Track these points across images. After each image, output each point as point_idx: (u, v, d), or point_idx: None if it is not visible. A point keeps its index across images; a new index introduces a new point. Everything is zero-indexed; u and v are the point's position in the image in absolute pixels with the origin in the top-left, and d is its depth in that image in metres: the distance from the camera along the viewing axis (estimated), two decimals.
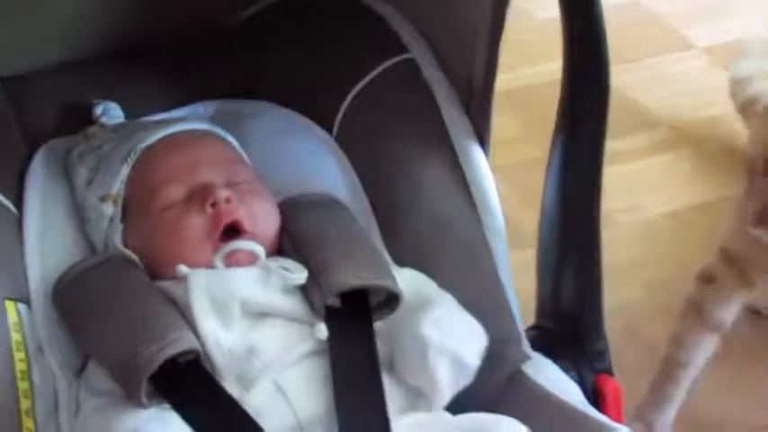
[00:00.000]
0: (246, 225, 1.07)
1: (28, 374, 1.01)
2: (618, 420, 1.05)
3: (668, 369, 1.45)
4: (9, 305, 1.04)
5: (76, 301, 1.07)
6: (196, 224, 1.07)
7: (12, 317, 1.03)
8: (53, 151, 1.21)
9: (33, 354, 1.03)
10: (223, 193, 1.07)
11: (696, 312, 1.44)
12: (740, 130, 1.71)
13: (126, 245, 1.11)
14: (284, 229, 1.12)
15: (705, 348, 1.44)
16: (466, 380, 1.01)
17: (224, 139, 1.20)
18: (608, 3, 2.18)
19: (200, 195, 1.08)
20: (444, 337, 1.00)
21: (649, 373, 1.48)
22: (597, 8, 1.01)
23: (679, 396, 1.45)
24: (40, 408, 1.01)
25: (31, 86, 1.23)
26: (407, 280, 1.08)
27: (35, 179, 1.18)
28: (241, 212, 1.07)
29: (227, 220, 1.06)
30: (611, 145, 1.76)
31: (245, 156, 1.20)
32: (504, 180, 1.48)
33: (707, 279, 1.44)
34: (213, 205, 1.06)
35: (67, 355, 1.06)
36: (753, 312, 1.48)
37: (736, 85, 1.82)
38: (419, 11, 1.23)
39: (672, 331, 1.46)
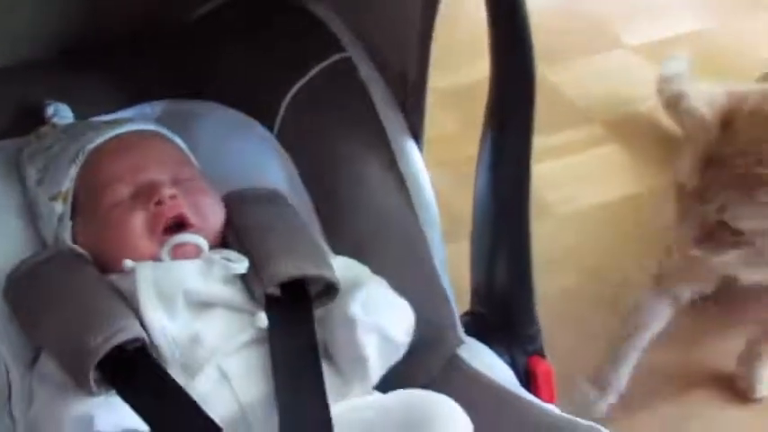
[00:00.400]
0: (192, 219, 1.08)
1: None
2: (549, 400, 1.07)
3: (627, 331, 1.48)
4: None
5: (27, 295, 1.07)
6: (141, 220, 1.07)
7: None
8: (4, 151, 1.20)
9: None
10: (167, 192, 1.07)
11: (656, 283, 1.47)
12: (669, 125, 1.71)
13: (75, 241, 1.11)
14: (228, 223, 1.12)
15: (661, 316, 1.46)
16: (395, 356, 1.03)
17: (170, 140, 1.19)
18: (542, 4, 2.22)
19: (146, 193, 1.08)
20: (370, 314, 1.01)
21: (584, 355, 1.50)
22: (522, 9, 1.01)
23: (634, 358, 1.47)
24: None
25: None
26: (341, 267, 1.08)
27: None
28: (186, 208, 1.07)
29: (170, 215, 1.06)
30: (547, 140, 1.81)
31: (190, 155, 1.19)
32: (445, 175, 1.49)
33: (668, 252, 1.46)
34: (158, 203, 1.06)
35: (19, 348, 1.05)
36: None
37: (664, 83, 1.84)
38: (356, 14, 1.23)
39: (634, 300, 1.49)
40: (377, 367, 1.00)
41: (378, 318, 1.01)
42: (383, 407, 0.98)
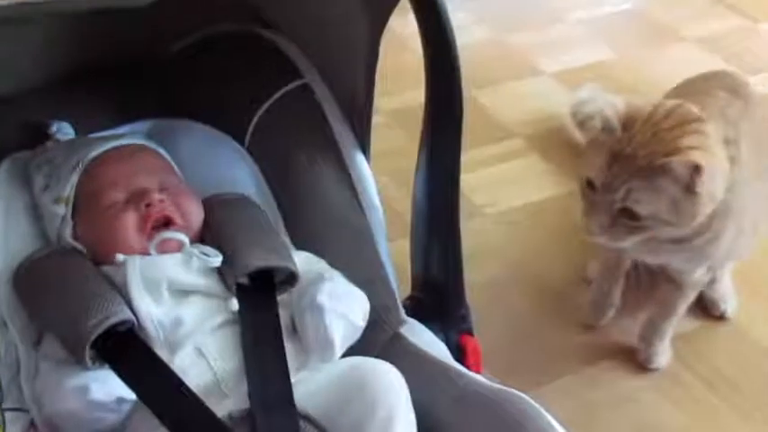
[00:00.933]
0: (176, 219, 1.09)
1: None
2: (477, 371, 1.08)
3: (605, 272, 1.50)
4: None
5: (32, 285, 1.07)
6: (134, 219, 1.08)
7: None
8: (16, 163, 1.19)
9: None
10: (156, 196, 1.08)
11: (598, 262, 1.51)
12: (580, 139, 1.72)
13: (75, 238, 1.10)
14: (206, 222, 1.12)
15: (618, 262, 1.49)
16: (354, 338, 1.04)
17: (157, 152, 1.19)
18: (475, 39, 2.22)
19: (138, 197, 1.08)
20: (336, 304, 1.01)
21: (510, 335, 1.50)
22: (452, 47, 1.01)
23: (617, 295, 1.51)
24: (3, 373, 1.00)
25: None
26: (303, 260, 1.10)
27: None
28: (171, 210, 1.09)
29: (157, 215, 1.07)
30: (477, 153, 1.82)
31: (174, 164, 1.19)
32: (392, 182, 1.50)
33: None
34: (148, 205, 1.07)
35: (26, 330, 1.05)
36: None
37: (577, 106, 1.84)
38: (312, 45, 1.23)
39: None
40: (340, 347, 1.01)
41: (342, 305, 1.02)
42: (331, 370, 1.00)
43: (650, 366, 1.48)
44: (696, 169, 1.17)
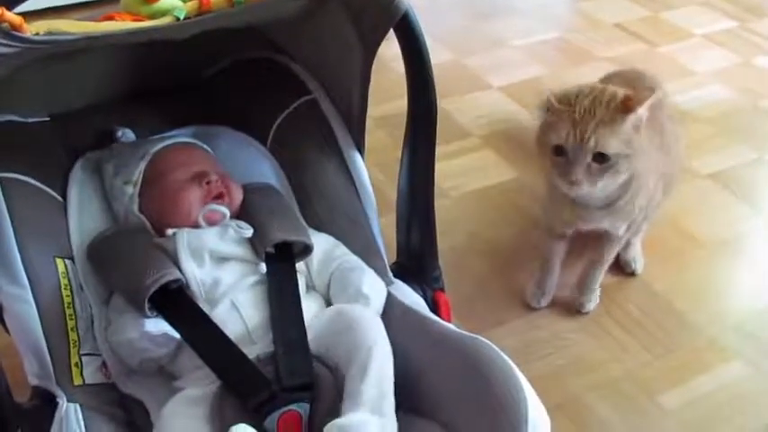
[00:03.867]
0: (226, 196, 1.10)
1: (72, 304, 1.00)
2: (447, 320, 1.08)
3: (544, 259, 1.48)
4: (59, 261, 1.02)
5: (103, 255, 1.06)
6: (197, 193, 1.08)
7: (60, 268, 1.01)
8: (89, 160, 1.18)
9: (76, 291, 1.01)
10: (214, 177, 1.09)
11: (548, 232, 1.47)
12: (526, 136, 1.69)
13: (140, 212, 1.10)
14: (241, 203, 1.12)
15: (559, 246, 1.47)
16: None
17: (204, 148, 1.20)
18: (440, 60, 2.23)
19: (200, 177, 1.09)
20: (376, 295, 1.05)
21: (470, 289, 1.50)
22: (427, 65, 1.02)
23: (555, 273, 1.48)
24: (81, 325, 0.99)
25: (74, 119, 1.19)
26: (324, 240, 1.12)
27: (75, 178, 1.14)
28: (222, 188, 1.10)
29: (215, 192, 1.09)
30: (443, 148, 1.82)
31: (215, 158, 1.20)
32: (380, 172, 1.49)
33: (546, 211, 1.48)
34: (208, 183, 1.09)
35: (98, 290, 1.04)
36: None
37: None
38: (318, 68, 1.22)
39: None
40: None
41: (378, 299, 1.05)
42: (324, 316, 1.01)
43: (582, 310, 1.48)
44: (636, 112, 1.19)
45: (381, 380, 0.89)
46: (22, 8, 0.78)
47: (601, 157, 1.20)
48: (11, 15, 0.75)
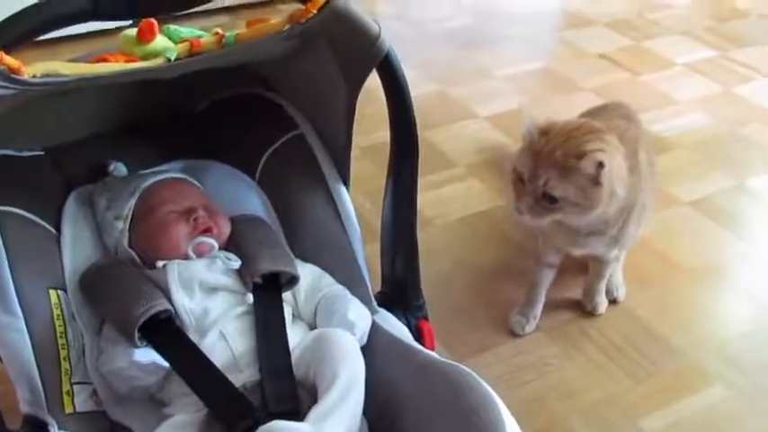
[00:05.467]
0: (213, 229, 1.11)
1: (65, 334, 1.01)
2: (431, 348, 1.09)
3: (531, 286, 1.50)
4: (52, 292, 1.03)
5: (94, 286, 1.08)
6: (185, 228, 1.10)
7: (53, 299, 1.03)
8: (81, 193, 1.19)
9: (68, 320, 1.03)
10: (201, 213, 1.11)
11: (537, 260, 1.50)
12: (506, 166, 1.74)
13: (130, 246, 1.11)
14: (230, 235, 1.14)
15: (547, 275, 1.49)
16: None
17: (193, 183, 1.21)
18: (425, 91, 2.25)
19: (188, 212, 1.11)
20: (361, 322, 1.05)
21: (454, 316, 1.51)
22: (407, 101, 1.03)
23: (541, 301, 1.50)
24: (72, 355, 1.01)
25: (67, 153, 1.20)
26: (310, 271, 1.12)
27: (68, 211, 1.16)
28: (211, 223, 1.11)
29: (202, 227, 1.10)
30: (428, 178, 1.86)
31: (204, 192, 1.21)
32: (367, 199, 1.52)
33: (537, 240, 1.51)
34: (195, 219, 1.10)
35: (90, 320, 1.06)
36: None
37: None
38: (305, 103, 1.23)
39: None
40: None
41: (363, 324, 1.06)
42: (310, 337, 1.03)
43: (596, 313, 1.52)
44: (600, 165, 1.21)
45: (345, 391, 0.92)
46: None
47: (549, 197, 1.25)
48: (9, 59, 0.79)
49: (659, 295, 1.58)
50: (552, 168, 1.23)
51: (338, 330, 1.01)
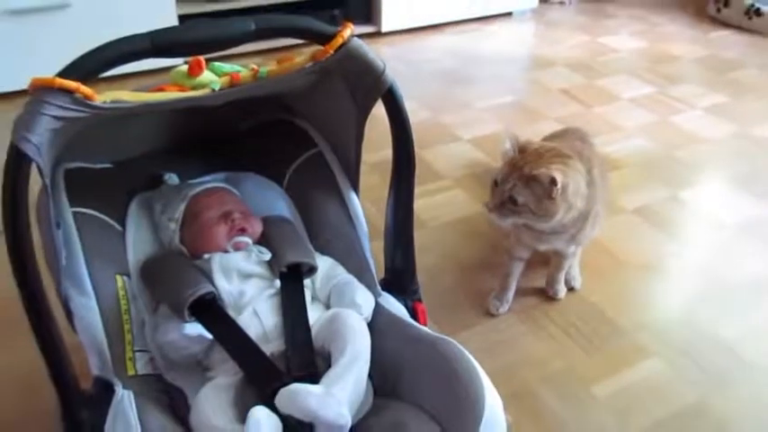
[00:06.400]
0: (247, 229, 1.10)
1: (128, 311, 1.01)
2: (424, 324, 1.09)
3: (504, 276, 1.49)
4: (118, 277, 1.04)
5: (152, 273, 1.08)
6: (224, 229, 1.09)
7: (119, 283, 1.03)
8: (142, 198, 1.19)
9: (131, 300, 1.03)
10: (238, 215, 1.10)
11: (507, 252, 1.49)
12: (489, 177, 1.74)
13: (181, 243, 1.11)
14: (262, 232, 1.13)
15: (518, 267, 1.48)
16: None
17: (232, 191, 1.20)
18: (420, 118, 2.26)
19: (226, 216, 1.10)
20: (367, 304, 1.05)
21: (443, 300, 1.50)
22: (407, 124, 1.03)
23: (513, 288, 1.49)
24: (134, 328, 1.01)
25: (130, 165, 1.20)
26: (326, 262, 1.12)
27: (131, 213, 1.16)
28: (245, 224, 1.10)
29: (238, 227, 1.09)
30: (422, 188, 1.86)
31: (241, 198, 1.20)
32: (373, 206, 1.52)
33: (508, 238, 1.49)
34: (233, 220, 1.09)
35: (148, 300, 1.06)
36: None
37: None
38: (323, 126, 1.23)
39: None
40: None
41: (367, 306, 1.05)
42: (326, 315, 1.02)
43: (557, 298, 1.51)
44: (552, 181, 1.21)
45: (353, 358, 0.92)
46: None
47: (513, 201, 1.25)
48: (85, 88, 0.79)
49: (609, 285, 1.58)
50: (519, 178, 1.23)
51: (348, 310, 1.01)
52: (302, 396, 0.85)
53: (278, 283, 1.04)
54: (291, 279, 1.05)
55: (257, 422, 0.83)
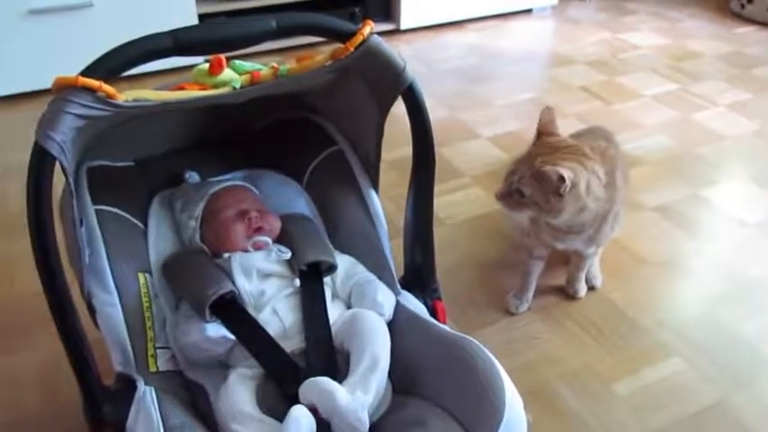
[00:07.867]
0: (265, 227, 1.09)
1: (150, 308, 1.02)
2: (443, 323, 1.08)
3: (524, 274, 1.47)
4: (140, 274, 1.04)
5: (174, 271, 1.08)
6: (241, 227, 1.09)
7: (141, 280, 1.03)
8: (163, 196, 1.20)
9: (153, 298, 1.03)
10: (254, 214, 1.09)
11: (528, 253, 1.47)
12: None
13: (201, 240, 1.11)
14: (281, 231, 1.13)
15: (537, 265, 1.47)
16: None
17: (251, 189, 1.20)
18: (438, 116, 2.25)
19: (243, 214, 1.10)
20: (387, 303, 1.04)
21: (462, 298, 1.49)
22: (427, 121, 1.02)
23: (532, 287, 1.48)
24: (156, 325, 1.01)
25: (152, 163, 1.21)
26: (346, 260, 1.11)
27: (152, 210, 1.16)
28: (262, 222, 1.09)
29: (255, 225, 1.08)
30: (442, 186, 1.84)
31: (260, 196, 1.20)
32: (393, 203, 1.51)
33: (528, 236, 1.46)
34: (249, 219, 1.08)
35: (169, 298, 1.06)
36: None
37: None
38: (343, 124, 1.23)
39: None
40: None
41: (388, 305, 1.05)
42: (347, 315, 1.02)
43: (577, 297, 1.49)
44: (560, 178, 1.18)
45: (374, 362, 0.92)
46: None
47: (519, 193, 1.23)
48: (107, 87, 0.79)
49: (629, 284, 1.56)
50: (529, 170, 1.22)
51: (369, 311, 1.01)
52: (330, 389, 0.85)
53: (297, 281, 1.04)
54: (311, 277, 1.05)
55: (297, 420, 0.83)
